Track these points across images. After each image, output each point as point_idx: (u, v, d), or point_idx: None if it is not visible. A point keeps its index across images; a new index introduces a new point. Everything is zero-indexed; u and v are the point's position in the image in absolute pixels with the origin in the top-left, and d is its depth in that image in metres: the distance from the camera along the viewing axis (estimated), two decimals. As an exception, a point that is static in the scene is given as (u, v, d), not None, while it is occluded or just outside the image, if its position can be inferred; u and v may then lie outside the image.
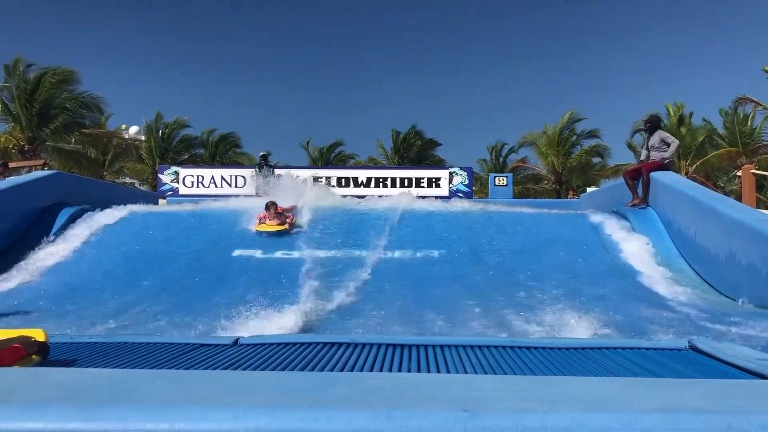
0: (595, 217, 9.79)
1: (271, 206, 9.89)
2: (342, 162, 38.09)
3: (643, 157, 10.47)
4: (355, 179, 16.94)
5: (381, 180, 17.31)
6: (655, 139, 10.08)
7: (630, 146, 31.89)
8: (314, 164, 36.77)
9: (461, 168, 18.12)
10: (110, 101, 32.74)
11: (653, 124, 10.22)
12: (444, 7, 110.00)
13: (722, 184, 30.48)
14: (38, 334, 3.05)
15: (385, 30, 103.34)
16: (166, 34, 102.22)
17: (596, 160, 35.77)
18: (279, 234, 9.55)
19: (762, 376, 2.59)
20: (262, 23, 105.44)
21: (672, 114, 31.44)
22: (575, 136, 34.95)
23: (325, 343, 3.52)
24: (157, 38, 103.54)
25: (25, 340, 2.96)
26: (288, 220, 9.93)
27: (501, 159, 39.27)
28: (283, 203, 10.44)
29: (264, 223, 9.77)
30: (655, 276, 7.52)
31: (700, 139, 30.07)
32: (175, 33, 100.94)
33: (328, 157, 38.91)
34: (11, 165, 16.40)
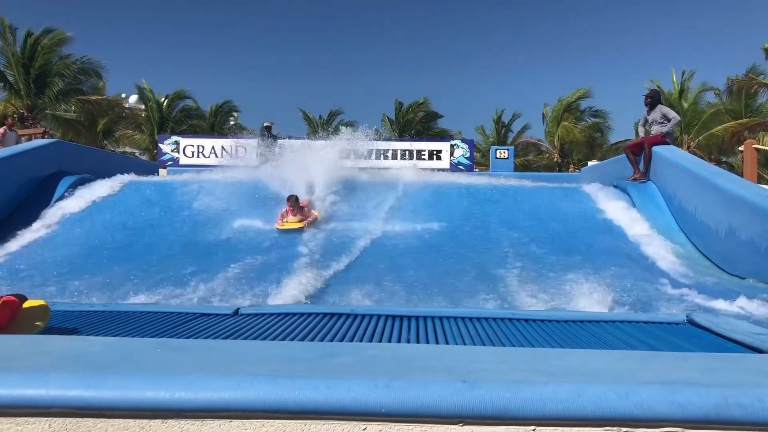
0: (596, 191, 9.77)
1: (291, 199, 8.77)
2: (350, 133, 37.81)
3: (642, 133, 10.42)
4: (356, 151, 16.84)
5: (383, 152, 17.25)
6: (656, 113, 10.01)
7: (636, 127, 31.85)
8: (314, 133, 36.61)
9: (463, 140, 18.09)
10: (108, 69, 32.04)
11: (654, 99, 10.14)
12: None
13: (726, 159, 30.31)
14: (40, 305, 3.07)
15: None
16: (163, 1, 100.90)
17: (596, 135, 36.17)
18: (297, 231, 8.57)
19: (759, 350, 2.61)
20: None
21: (676, 85, 31.20)
22: (580, 112, 35.32)
23: (325, 314, 3.55)
24: (154, 6, 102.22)
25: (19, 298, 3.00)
26: (310, 218, 8.86)
27: (503, 130, 39.10)
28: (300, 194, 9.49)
29: (287, 219, 8.73)
30: (654, 250, 7.53)
31: (706, 114, 29.83)
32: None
33: (329, 126, 38.68)
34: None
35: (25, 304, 3.01)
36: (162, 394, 1.32)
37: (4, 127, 13.27)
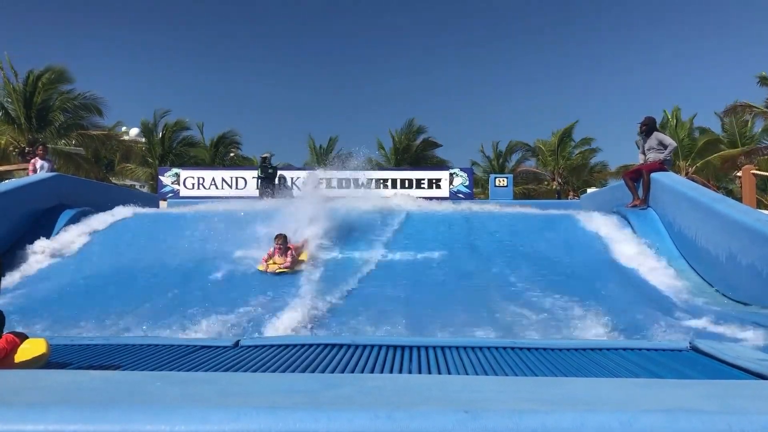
0: (596, 218, 9.77)
1: (280, 238, 8.23)
2: (341, 162, 37.97)
3: (640, 160, 10.49)
4: (356, 180, 16.92)
5: (382, 181, 17.32)
6: (652, 140, 10.09)
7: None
8: (316, 163, 36.84)
9: (462, 169, 18.20)
10: (109, 103, 32.14)
11: (649, 126, 10.22)
12: (446, 6, 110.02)
13: (725, 185, 30.50)
14: (39, 344, 3.04)
15: (384, 29, 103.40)
16: (162, 32, 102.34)
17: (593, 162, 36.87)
18: (283, 275, 8.00)
19: (763, 377, 2.59)
20: (260, 20, 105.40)
21: (670, 118, 31.58)
22: (573, 142, 36.16)
23: (326, 345, 3.53)
24: (154, 37, 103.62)
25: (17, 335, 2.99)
26: (297, 258, 8.28)
27: (500, 160, 39.34)
28: (294, 234, 8.85)
29: (273, 258, 8.16)
30: (656, 276, 7.51)
31: (701, 143, 30.19)
32: (172, 31, 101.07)
33: (328, 155, 38.93)
34: (9, 168, 16.40)
35: (25, 343, 2.99)
36: (162, 428, 1.31)
37: (36, 157, 13.05)
